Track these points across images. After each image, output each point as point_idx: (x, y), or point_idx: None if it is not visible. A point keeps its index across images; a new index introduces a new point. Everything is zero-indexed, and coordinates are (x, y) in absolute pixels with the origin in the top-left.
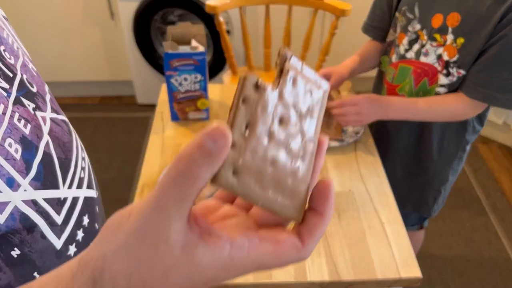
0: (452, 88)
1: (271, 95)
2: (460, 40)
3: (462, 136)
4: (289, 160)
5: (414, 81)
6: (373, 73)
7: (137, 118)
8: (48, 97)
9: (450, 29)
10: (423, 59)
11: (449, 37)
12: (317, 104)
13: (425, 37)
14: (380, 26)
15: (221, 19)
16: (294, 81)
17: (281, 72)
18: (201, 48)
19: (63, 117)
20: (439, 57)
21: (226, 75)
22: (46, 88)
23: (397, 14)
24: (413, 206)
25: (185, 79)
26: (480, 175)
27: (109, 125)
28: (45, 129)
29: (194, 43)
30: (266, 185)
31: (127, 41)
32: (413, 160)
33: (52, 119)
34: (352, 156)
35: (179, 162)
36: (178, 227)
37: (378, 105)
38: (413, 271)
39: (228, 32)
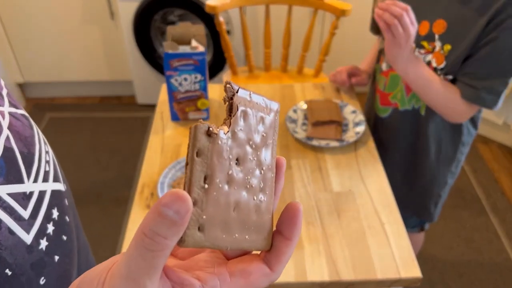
0: None
1: (224, 139)
2: (447, 47)
3: (458, 139)
4: (251, 197)
5: (405, 89)
6: None
7: (137, 118)
8: (4, 92)
9: (436, 36)
10: None
11: (437, 44)
12: (270, 128)
13: (413, 45)
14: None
15: (221, 19)
16: (245, 115)
17: (231, 108)
18: (201, 48)
19: (22, 111)
20: (428, 63)
21: (226, 75)
22: (2, 83)
23: None
24: (414, 212)
25: (185, 79)
26: (480, 175)
27: (109, 125)
28: (4, 123)
29: (194, 43)
30: (232, 230)
31: (127, 41)
32: (410, 166)
33: (11, 114)
34: (352, 156)
35: (144, 237)
36: None
37: (410, 52)
38: (413, 271)
39: (228, 32)
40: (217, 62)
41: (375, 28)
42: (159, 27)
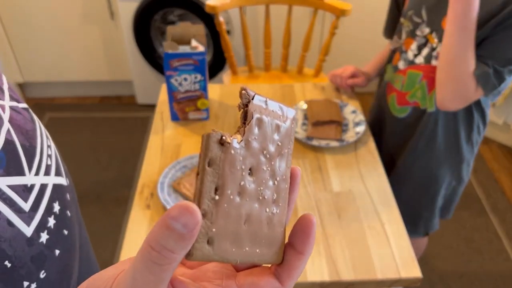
0: None
1: (238, 148)
2: None
3: (469, 137)
4: (263, 209)
5: (427, 86)
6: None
7: (137, 118)
8: (5, 86)
9: None
10: (434, 62)
11: None
12: (286, 137)
13: (435, 40)
14: (392, 28)
15: (221, 19)
16: (260, 123)
17: (245, 115)
18: (201, 48)
19: (24, 105)
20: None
21: (226, 75)
22: (4, 78)
23: (401, 19)
24: (425, 224)
25: (185, 79)
26: (480, 175)
27: (109, 125)
28: (5, 117)
29: (194, 43)
30: (242, 244)
31: (127, 41)
32: (422, 173)
33: (12, 107)
34: (352, 156)
35: (151, 250)
36: None
37: None
38: (413, 271)
39: (228, 32)
40: (217, 62)
41: (389, 32)
42: (159, 27)
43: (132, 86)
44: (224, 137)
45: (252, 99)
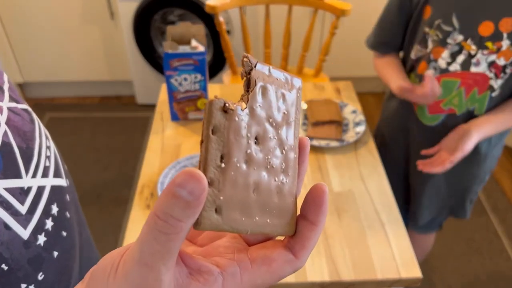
0: (505, 88)
1: (242, 115)
2: None
3: (503, 136)
4: (272, 178)
5: (465, 93)
6: (375, 73)
7: (137, 118)
8: (6, 86)
9: (505, 35)
10: (474, 69)
11: (505, 43)
12: (292, 106)
13: (473, 47)
14: (392, 41)
15: (221, 19)
16: (264, 91)
17: (248, 84)
18: (201, 48)
19: (24, 106)
20: (491, 63)
21: (226, 75)
22: (5, 77)
23: (426, 29)
24: (450, 212)
25: (185, 79)
26: None
27: (109, 125)
28: (2, 118)
29: (194, 43)
30: (252, 213)
31: (127, 41)
32: (460, 167)
33: (10, 109)
34: (352, 156)
35: (157, 220)
36: (168, 279)
37: (477, 132)
38: (413, 271)
39: (228, 32)
40: (217, 62)
41: (390, 46)
42: (159, 27)
43: (132, 86)
44: (227, 104)
45: (255, 66)
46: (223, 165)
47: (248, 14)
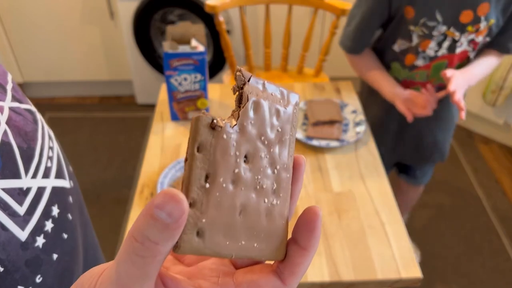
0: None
1: (231, 133)
2: (491, 22)
3: None
4: (261, 200)
5: (448, 67)
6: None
7: (137, 118)
8: (9, 86)
9: (482, 18)
10: (458, 50)
11: (482, 24)
12: (287, 123)
13: (456, 34)
14: (368, 42)
15: (221, 18)
16: (257, 106)
17: (240, 99)
18: (201, 48)
19: (28, 106)
20: (471, 41)
21: (226, 75)
22: (9, 77)
23: (411, 27)
24: (437, 156)
25: (185, 79)
26: (480, 175)
27: (109, 125)
28: (2, 118)
29: (194, 42)
30: (237, 236)
31: (126, 41)
32: (440, 119)
33: (12, 109)
34: (352, 156)
35: (134, 241)
36: None
37: (465, 80)
38: (414, 271)
39: (228, 31)
40: (217, 61)
41: (361, 46)
42: (159, 26)
43: (132, 86)
44: (215, 121)
45: (248, 80)
46: (207, 185)
47: (248, 14)
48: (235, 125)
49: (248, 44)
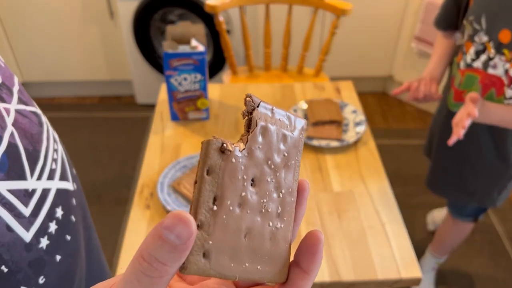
0: None
1: (239, 157)
2: None
3: None
4: (266, 223)
5: (481, 90)
6: (376, 72)
7: (137, 118)
8: (16, 89)
9: None
10: (491, 71)
11: None
12: (293, 148)
13: (493, 50)
14: (448, 19)
15: (221, 18)
16: (265, 131)
17: (250, 123)
18: (201, 48)
19: (33, 108)
20: (506, 72)
21: (226, 75)
22: (15, 79)
23: (464, 21)
24: (478, 199)
25: (185, 79)
26: None
27: (108, 125)
28: (9, 120)
29: (194, 42)
30: (242, 259)
31: (126, 41)
32: (493, 155)
33: (18, 111)
34: (352, 156)
35: (142, 261)
36: None
37: (486, 111)
38: (414, 271)
39: (228, 31)
40: (217, 61)
41: (443, 23)
42: (158, 26)
43: (132, 86)
44: (225, 145)
45: (257, 106)
46: (215, 207)
47: (248, 14)
48: (244, 149)
49: (248, 44)
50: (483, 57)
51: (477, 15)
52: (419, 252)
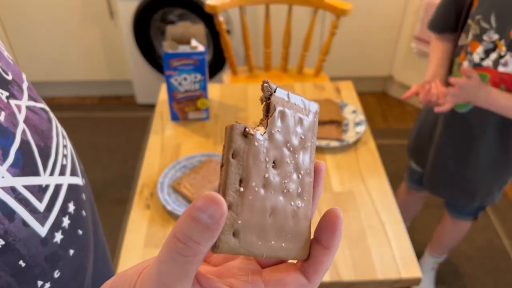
0: None
1: (261, 140)
2: None
3: None
4: (288, 203)
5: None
6: (376, 72)
7: (137, 118)
8: (25, 85)
9: None
10: (501, 69)
11: None
12: (309, 131)
13: (504, 48)
14: (444, 22)
15: (221, 18)
16: (283, 116)
17: (268, 108)
18: (201, 48)
19: (42, 105)
20: None
21: (226, 75)
22: (24, 76)
23: (469, 21)
24: (480, 198)
25: (185, 79)
26: None
27: (109, 125)
28: (20, 117)
29: (194, 42)
30: (268, 237)
31: (126, 41)
32: (499, 151)
33: (28, 107)
34: (352, 156)
35: (176, 242)
36: None
37: (486, 92)
38: (413, 271)
39: (228, 31)
40: (217, 61)
41: (439, 26)
42: (158, 26)
43: (132, 86)
44: (247, 129)
45: (274, 91)
46: (241, 189)
47: (248, 14)
48: (265, 133)
49: (248, 44)
50: (493, 56)
51: (486, 14)
52: (419, 252)
